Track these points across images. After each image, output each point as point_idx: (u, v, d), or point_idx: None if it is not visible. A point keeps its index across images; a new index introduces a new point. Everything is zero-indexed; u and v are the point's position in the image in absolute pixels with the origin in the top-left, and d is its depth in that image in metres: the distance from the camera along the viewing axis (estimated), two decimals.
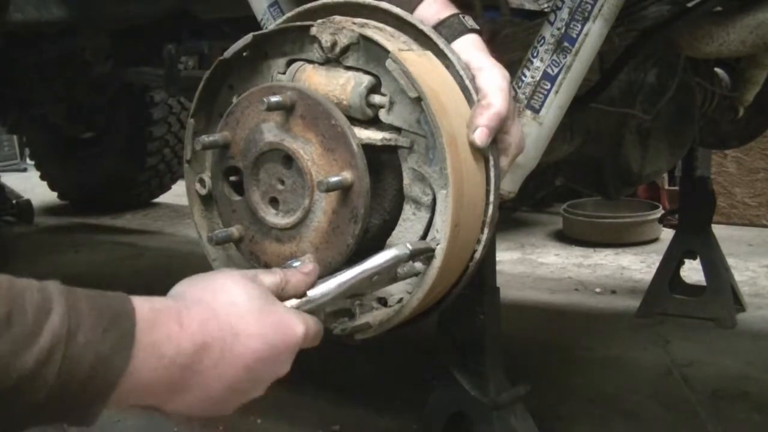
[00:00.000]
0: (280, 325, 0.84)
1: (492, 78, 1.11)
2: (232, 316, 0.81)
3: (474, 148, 1.08)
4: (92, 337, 0.68)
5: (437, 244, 1.05)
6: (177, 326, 0.76)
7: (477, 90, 1.11)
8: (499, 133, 1.11)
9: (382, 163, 1.10)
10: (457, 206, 1.05)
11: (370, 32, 1.08)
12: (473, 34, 1.17)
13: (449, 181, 1.03)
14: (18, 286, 0.67)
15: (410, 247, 1.02)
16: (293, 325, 0.85)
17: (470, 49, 1.15)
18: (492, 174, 1.12)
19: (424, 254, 1.05)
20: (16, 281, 0.68)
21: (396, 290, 1.11)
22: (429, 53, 1.13)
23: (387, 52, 1.05)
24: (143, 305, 0.75)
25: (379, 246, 1.11)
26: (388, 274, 1.01)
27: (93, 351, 0.68)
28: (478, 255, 1.14)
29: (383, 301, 1.12)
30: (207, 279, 0.86)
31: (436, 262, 1.05)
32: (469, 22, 1.17)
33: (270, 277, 0.92)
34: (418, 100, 1.03)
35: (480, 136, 1.07)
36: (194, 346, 0.76)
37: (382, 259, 1.00)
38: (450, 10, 1.18)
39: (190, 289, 0.84)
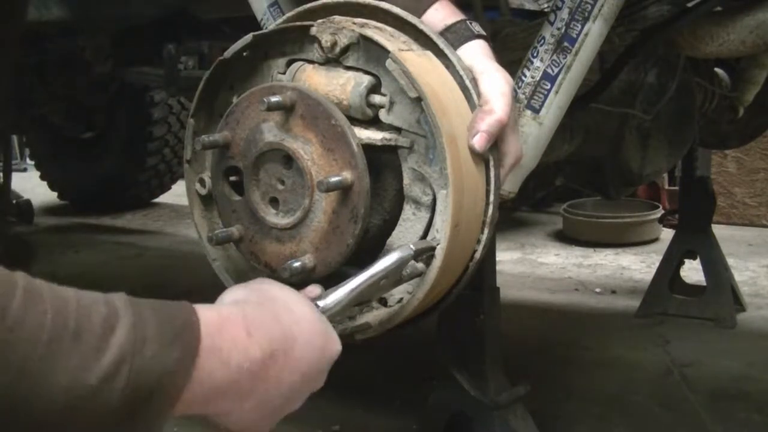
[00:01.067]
0: (326, 334, 0.85)
1: (495, 83, 1.11)
2: (291, 322, 0.81)
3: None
4: (158, 350, 0.68)
5: (437, 244, 1.05)
6: (244, 333, 0.76)
7: (479, 94, 1.11)
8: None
9: (382, 163, 1.10)
10: (457, 206, 1.05)
11: (370, 32, 1.08)
12: (480, 40, 1.17)
13: (449, 181, 1.03)
14: (85, 300, 0.67)
15: (413, 248, 1.02)
16: (335, 337, 0.86)
17: (475, 54, 1.15)
18: (492, 174, 1.12)
19: (427, 254, 1.05)
20: (83, 295, 0.67)
21: (396, 290, 1.10)
22: (429, 53, 1.13)
23: (387, 52, 1.05)
24: (207, 313, 0.74)
25: (379, 246, 1.11)
26: (394, 276, 1.01)
27: (159, 364, 0.68)
28: (478, 255, 1.14)
29: (383, 301, 1.12)
30: (257, 284, 0.87)
31: (437, 262, 1.05)
32: (476, 28, 1.18)
33: None
34: (418, 100, 1.03)
35: (480, 142, 1.08)
36: (263, 354, 0.76)
37: (388, 262, 0.99)
38: (457, 16, 1.18)
39: (247, 293, 0.84)
